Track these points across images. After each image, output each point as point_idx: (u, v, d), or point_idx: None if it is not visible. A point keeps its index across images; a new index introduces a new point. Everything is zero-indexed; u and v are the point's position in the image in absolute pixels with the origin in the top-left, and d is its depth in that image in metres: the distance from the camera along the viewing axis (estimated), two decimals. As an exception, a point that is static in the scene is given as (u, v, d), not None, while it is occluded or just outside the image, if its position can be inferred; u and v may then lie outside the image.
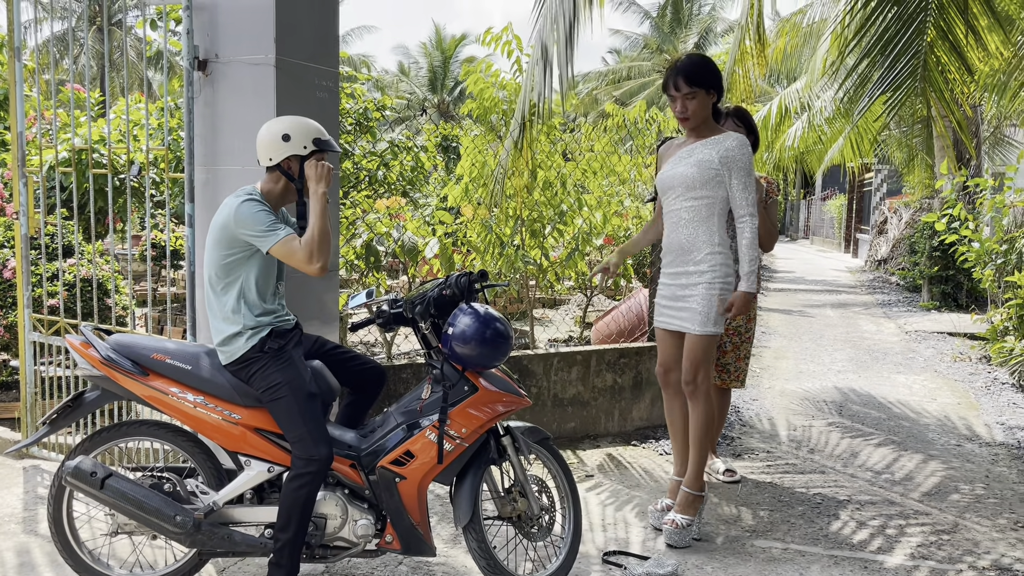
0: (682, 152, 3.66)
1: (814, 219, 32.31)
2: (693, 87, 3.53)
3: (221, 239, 2.84)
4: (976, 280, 8.60)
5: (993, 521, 3.99)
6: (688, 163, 3.60)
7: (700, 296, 3.57)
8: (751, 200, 3.51)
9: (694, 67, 3.55)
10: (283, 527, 2.81)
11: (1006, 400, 6.44)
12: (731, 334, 4.34)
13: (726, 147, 3.54)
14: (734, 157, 3.51)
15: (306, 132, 2.91)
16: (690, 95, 3.54)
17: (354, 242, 5.75)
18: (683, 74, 3.54)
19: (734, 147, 3.53)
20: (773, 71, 18.99)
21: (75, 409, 2.96)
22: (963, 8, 4.70)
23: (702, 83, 3.54)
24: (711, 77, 3.56)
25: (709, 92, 3.57)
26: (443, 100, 39.09)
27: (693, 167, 3.57)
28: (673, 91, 3.57)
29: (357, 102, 6.70)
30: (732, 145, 3.54)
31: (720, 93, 3.62)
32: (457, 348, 2.92)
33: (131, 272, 4.40)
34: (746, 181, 3.51)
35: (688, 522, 3.61)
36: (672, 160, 3.70)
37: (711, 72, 3.58)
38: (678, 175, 3.62)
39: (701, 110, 3.57)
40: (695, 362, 3.61)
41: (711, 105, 3.61)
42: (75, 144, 4.20)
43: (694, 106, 3.55)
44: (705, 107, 3.58)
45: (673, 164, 3.67)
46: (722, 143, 3.56)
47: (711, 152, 3.55)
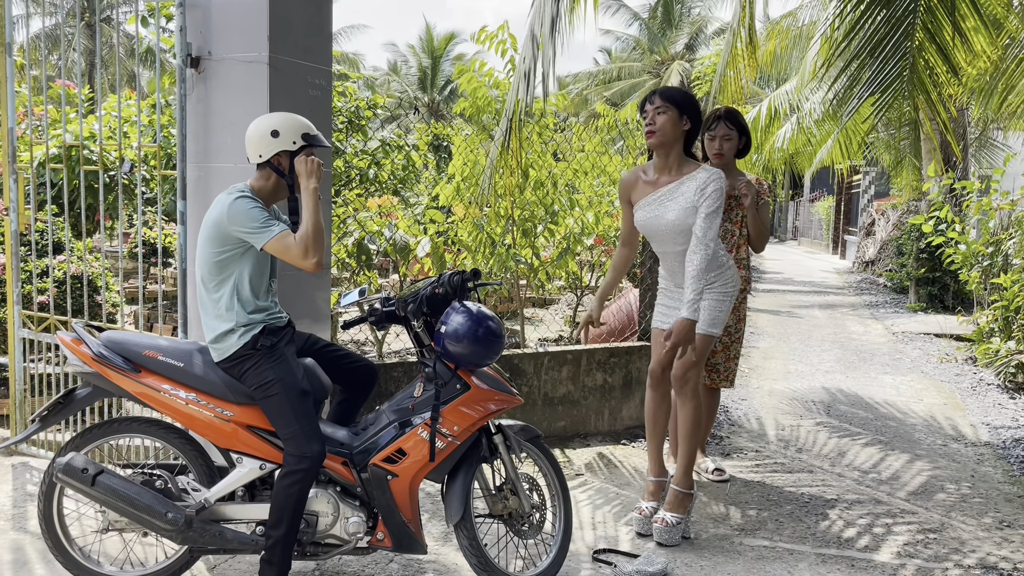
0: (657, 195, 3.62)
1: (803, 220, 32.47)
2: (665, 102, 3.53)
3: (214, 236, 2.84)
4: (962, 282, 8.68)
5: (979, 520, 4.03)
6: (671, 208, 3.56)
7: (709, 299, 3.72)
8: (711, 235, 3.46)
9: (674, 89, 3.60)
10: (275, 524, 2.82)
11: (991, 401, 6.50)
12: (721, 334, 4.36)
13: (703, 181, 3.50)
14: (708, 191, 3.47)
15: (295, 128, 2.91)
16: (661, 109, 3.53)
17: (345, 240, 5.75)
18: (659, 91, 3.58)
19: (713, 179, 3.49)
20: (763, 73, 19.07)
21: (66, 406, 2.95)
22: (951, 10, 4.74)
23: (675, 102, 3.53)
24: (687, 103, 3.56)
25: (682, 116, 3.54)
26: (433, 99, 39.04)
27: (678, 212, 3.54)
28: (647, 105, 3.58)
29: (349, 100, 6.69)
30: (709, 179, 3.50)
31: (695, 123, 3.59)
32: (450, 346, 2.93)
33: (122, 269, 4.38)
34: (711, 214, 3.46)
35: (678, 520, 3.64)
36: (645, 203, 3.66)
37: (689, 99, 3.58)
38: (661, 224, 3.60)
39: (670, 128, 3.53)
40: (690, 360, 3.66)
41: (683, 133, 3.57)
42: (65, 140, 4.18)
43: (663, 121, 3.52)
44: (675, 127, 3.54)
45: (653, 208, 3.62)
46: (698, 179, 3.52)
47: (687, 195, 3.52)
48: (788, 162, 16.33)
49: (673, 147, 3.57)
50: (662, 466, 3.87)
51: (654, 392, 3.85)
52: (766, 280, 16.85)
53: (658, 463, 3.86)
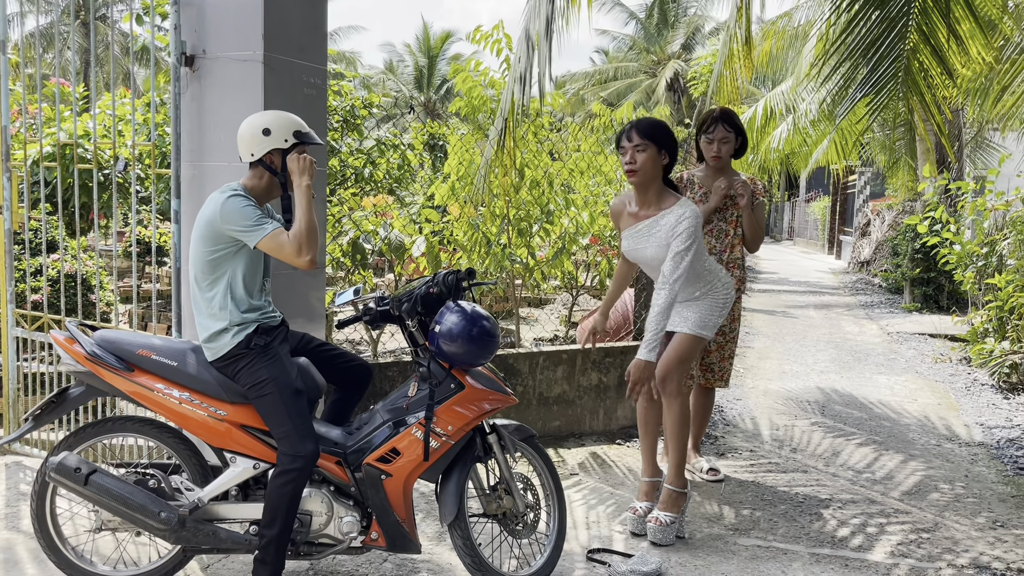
0: (638, 229, 3.64)
1: (798, 221, 32.52)
2: (644, 139, 3.52)
3: (206, 235, 2.84)
4: (957, 282, 8.70)
5: (972, 520, 4.04)
6: (650, 244, 3.60)
7: (702, 304, 3.76)
8: (677, 275, 3.46)
9: (648, 122, 3.57)
10: (268, 524, 2.81)
11: (985, 401, 6.52)
12: (715, 333, 4.37)
13: (677, 218, 3.50)
14: (683, 227, 3.47)
15: (286, 125, 2.90)
16: (640, 147, 3.52)
17: (340, 240, 5.75)
18: (635, 126, 3.55)
19: (685, 217, 3.48)
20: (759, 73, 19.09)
21: (59, 405, 2.95)
22: (945, 12, 4.75)
23: (654, 139, 3.52)
24: (664, 136, 3.55)
25: (660, 152, 3.54)
26: (429, 98, 39.00)
27: (656, 248, 3.57)
28: (625, 142, 3.57)
29: (344, 99, 6.68)
30: (683, 216, 3.49)
31: (672, 157, 3.59)
32: (444, 346, 2.93)
33: (116, 268, 4.37)
34: (680, 254, 3.46)
35: (672, 519, 3.64)
36: (628, 234, 3.70)
37: (665, 132, 3.57)
38: (644, 257, 3.66)
39: (650, 166, 3.53)
40: (677, 360, 3.69)
41: (662, 167, 3.57)
42: (59, 139, 4.17)
43: (643, 159, 3.52)
44: (655, 164, 3.54)
45: (635, 241, 3.67)
46: (674, 215, 3.52)
47: (663, 230, 3.54)
48: (784, 162, 16.34)
49: (652, 183, 3.59)
50: (656, 466, 3.88)
51: (646, 394, 3.85)
52: (761, 280, 16.88)
53: (652, 463, 3.87)
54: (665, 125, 3.62)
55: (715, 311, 3.77)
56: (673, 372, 3.69)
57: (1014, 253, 7.13)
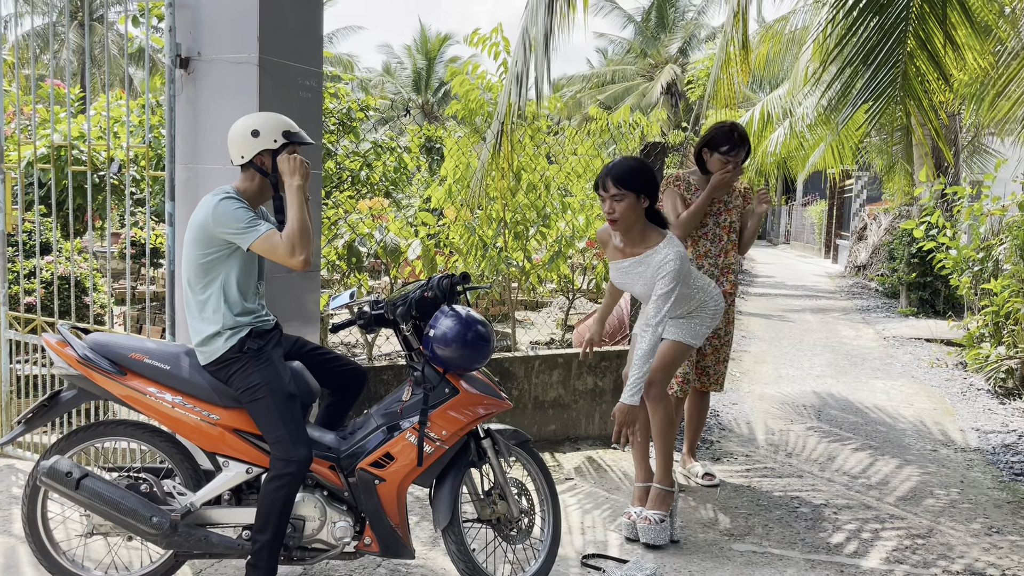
0: (626, 264, 3.63)
1: (795, 224, 32.54)
2: (621, 189, 3.44)
3: (199, 238, 2.82)
4: (953, 287, 8.70)
5: (967, 526, 4.03)
6: (637, 282, 3.60)
7: (693, 320, 3.77)
8: (660, 317, 3.42)
9: (624, 169, 3.48)
10: (261, 529, 2.80)
11: (981, 406, 6.52)
12: (711, 337, 4.36)
13: (661, 260, 3.47)
14: (666, 270, 3.44)
15: (275, 126, 2.89)
16: (618, 196, 3.45)
17: (336, 242, 5.73)
18: (612, 174, 3.47)
19: (669, 259, 3.45)
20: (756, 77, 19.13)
21: (51, 408, 2.93)
22: (942, 18, 4.76)
23: (631, 186, 3.44)
24: (642, 181, 3.46)
25: (640, 197, 3.47)
26: (427, 101, 39.02)
27: (643, 287, 3.58)
28: (602, 191, 3.51)
29: (340, 102, 6.67)
30: (667, 258, 3.46)
31: (653, 198, 3.52)
32: (438, 350, 2.92)
33: (109, 270, 4.35)
34: (664, 296, 3.43)
35: (661, 518, 3.63)
36: (618, 268, 3.69)
37: (643, 176, 3.48)
38: (634, 292, 3.69)
39: (630, 213, 3.48)
40: (662, 366, 3.70)
41: (643, 210, 3.52)
42: (54, 140, 4.15)
43: (622, 208, 3.46)
44: (635, 211, 3.48)
45: (622, 275, 3.67)
46: (659, 256, 3.49)
47: (649, 269, 3.52)
48: (781, 166, 16.35)
49: (635, 225, 3.55)
50: (649, 471, 3.86)
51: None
52: (758, 284, 16.88)
53: (645, 468, 3.85)
54: (641, 168, 3.52)
55: (705, 322, 3.79)
56: (656, 377, 3.68)
57: (1010, 258, 7.14)
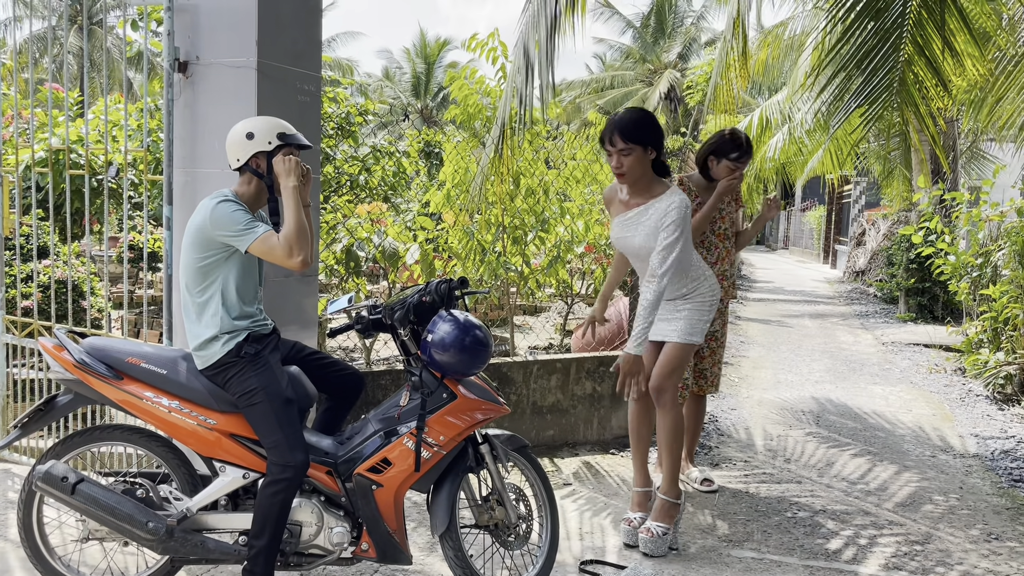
0: (627, 217, 3.61)
1: (794, 230, 32.57)
2: (628, 143, 3.44)
3: (197, 241, 2.82)
4: (952, 293, 8.70)
5: (966, 532, 4.03)
6: (638, 232, 3.55)
7: (689, 310, 3.70)
8: (665, 268, 3.40)
9: (630, 123, 3.47)
10: (258, 534, 2.79)
11: (980, 412, 6.51)
12: (708, 339, 4.36)
13: (665, 208, 3.45)
14: (670, 218, 3.42)
15: (269, 128, 2.89)
16: (626, 151, 3.45)
17: (334, 247, 5.73)
18: (618, 129, 3.46)
19: (673, 207, 3.43)
20: (755, 82, 19.15)
21: (47, 413, 2.92)
22: (940, 24, 4.76)
23: (638, 139, 3.44)
24: (648, 133, 3.47)
25: (647, 149, 3.47)
26: (426, 105, 39.06)
27: (644, 237, 3.53)
28: (608, 146, 3.49)
29: (339, 107, 6.67)
30: (672, 205, 3.44)
31: (659, 149, 3.52)
32: (436, 355, 2.91)
33: (107, 274, 4.35)
34: (668, 246, 3.40)
35: (664, 530, 3.62)
36: (618, 222, 3.66)
37: (649, 128, 3.48)
38: (632, 246, 3.61)
39: (638, 166, 3.48)
40: (670, 369, 3.65)
41: (650, 161, 3.51)
42: (52, 144, 4.15)
43: (630, 162, 3.47)
44: (642, 163, 3.48)
45: (623, 229, 3.63)
46: (664, 203, 3.48)
47: (653, 219, 3.50)
48: (779, 172, 16.37)
49: (642, 177, 3.54)
50: (648, 477, 3.85)
51: (637, 406, 3.82)
52: (757, 289, 16.89)
53: (643, 474, 3.84)
54: (647, 119, 3.53)
55: (703, 314, 3.70)
56: (667, 383, 3.66)
57: (1008, 264, 7.13)
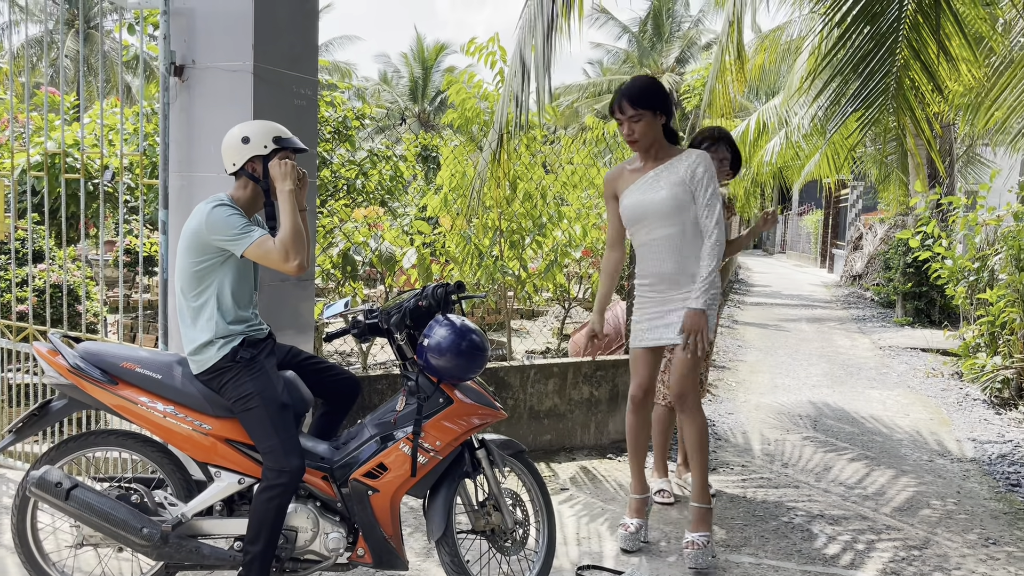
0: (646, 178, 3.57)
1: (791, 234, 32.62)
2: (638, 109, 3.48)
3: (192, 245, 2.81)
4: (949, 297, 8.71)
5: (963, 537, 4.02)
6: (661, 187, 3.51)
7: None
8: (715, 217, 3.45)
9: (638, 89, 3.52)
10: (253, 540, 2.77)
11: (977, 416, 6.51)
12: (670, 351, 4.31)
13: (691, 163, 3.49)
14: (699, 176, 3.46)
15: (265, 132, 2.89)
16: (635, 117, 3.49)
17: (331, 251, 5.72)
18: (627, 96, 3.50)
19: (699, 163, 3.49)
20: (752, 87, 19.19)
21: (41, 418, 2.90)
22: (935, 28, 4.77)
23: (647, 105, 3.49)
24: (657, 99, 3.51)
25: (656, 114, 3.51)
26: (424, 110, 39.08)
27: (671, 187, 3.49)
28: (619, 114, 3.53)
29: (336, 110, 6.67)
30: (697, 161, 3.49)
31: (669, 115, 3.55)
32: (432, 360, 2.90)
33: (103, 278, 4.33)
34: (711, 201, 3.46)
35: (707, 539, 3.53)
36: (634, 188, 3.60)
37: (657, 94, 3.52)
38: (651, 204, 3.53)
39: (649, 131, 3.52)
40: (685, 375, 3.54)
41: (660, 126, 3.54)
42: (47, 148, 4.14)
43: (641, 128, 3.50)
44: (653, 128, 3.52)
45: (639, 191, 3.57)
46: (686, 161, 3.51)
47: (678, 173, 3.50)
48: (776, 176, 16.41)
49: (655, 143, 3.57)
50: (645, 483, 3.83)
51: (636, 416, 3.74)
52: (754, 293, 16.89)
53: (641, 481, 3.81)
54: (654, 85, 3.56)
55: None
56: (687, 387, 3.54)
57: (1005, 268, 7.14)
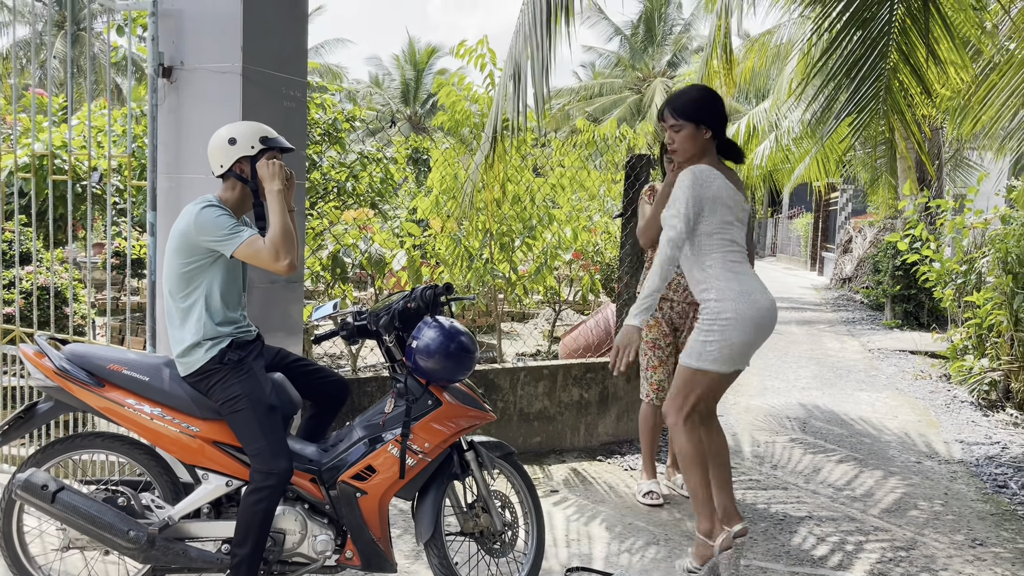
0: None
1: (781, 237, 32.72)
2: (679, 119, 3.36)
3: (181, 247, 2.80)
4: (937, 299, 8.75)
5: (950, 538, 4.04)
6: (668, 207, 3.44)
7: (695, 329, 3.37)
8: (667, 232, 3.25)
9: (684, 98, 3.39)
10: (241, 542, 2.76)
11: (965, 418, 6.54)
12: (652, 348, 4.33)
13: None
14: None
15: (251, 132, 2.88)
16: (676, 127, 3.37)
17: (320, 253, 5.71)
18: (671, 104, 3.40)
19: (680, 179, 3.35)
20: (742, 90, 19.25)
21: (27, 420, 2.89)
22: (924, 32, 4.80)
23: (689, 116, 3.35)
24: (703, 111, 3.35)
25: (699, 127, 3.34)
26: (415, 112, 39.07)
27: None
28: (662, 121, 3.42)
29: (327, 113, 6.66)
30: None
31: (716, 128, 3.37)
32: (421, 362, 2.90)
33: (90, 280, 4.31)
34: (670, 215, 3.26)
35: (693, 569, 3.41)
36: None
37: (705, 106, 3.37)
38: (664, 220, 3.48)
39: (690, 144, 3.36)
40: (674, 391, 3.39)
41: (704, 141, 3.36)
42: (34, 149, 4.12)
43: (680, 139, 3.37)
44: (695, 142, 3.35)
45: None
46: None
47: None
48: (767, 179, 16.46)
49: (694, 158, 3.39)
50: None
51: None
52: (744, 296, 16.90)
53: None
54: (704, 96, 3.41)
55: (706, 335, 3.27)
56: (670, 405, 3.40)
57: (992, 271, 7.18)
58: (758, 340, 3.33)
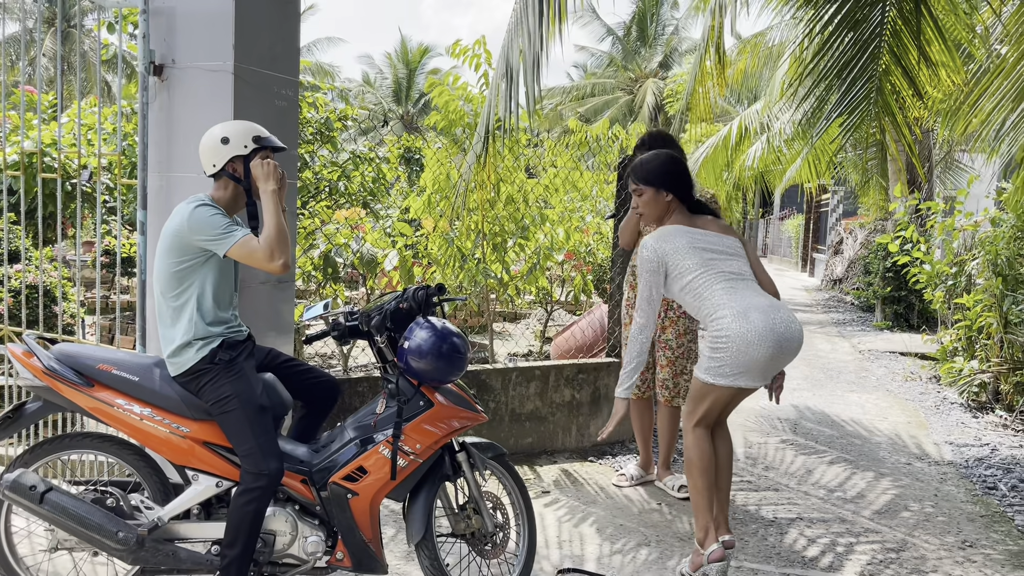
0: None
1: (772, 238, 32.80)
2: (639, 184, 3.47)
3: (173, 246, 2.78)
4: (927, 301, 8.78)
5: (941, 539, 4.05)
6: None
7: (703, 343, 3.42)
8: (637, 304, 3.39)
9: (644, 164, 3.47)
10: (231, 543, 2.75)
11: (955, 420, 6.57)
12: (663, 348, 4.41)
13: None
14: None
15: (244, 132, 2.87)
16: (637, 191, 3.49)
17: (312, 253, 5.69)
18: (632, 170, 3.49)
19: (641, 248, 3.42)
20: (734, 91, 19.31)
21: (15, 420, 2.86)
22: (916, 34, 4.82)
23: (647, 181, 3.44)
24: (659, 176, 3.43)
25: (659, 192, 3.43)
26: (408, 111, 39.01)
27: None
28: (629, 185, 3.54)
29: (319, 112, 6.64)
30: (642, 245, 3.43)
31: (677, 191, 3.44)
32: (413, 362, 2.89)
33: (80, 279, 4.28)
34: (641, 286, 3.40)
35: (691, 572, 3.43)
36: None
37: (659, 171, 3.44)
38: None
39: (652, 206, 3.46)
40: (688, 398, 3.49)
41: (666, 203, 3.44)
42: (24, 147, 4.08)
43: (643, 202, 3.48)
44: (656, 204, 3.45)
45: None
46: None
47: None
48: (758, 180, 16.50)
49: (661, 218, 3.48)
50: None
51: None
52: (736, 297, 16.93)
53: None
54: (664, 162, 3.47)
55: (711, 351, 3.31)
56: (684, 409, 3.52)
57: (982, 273, 7.21)
58: (773, 358, 3.26)
